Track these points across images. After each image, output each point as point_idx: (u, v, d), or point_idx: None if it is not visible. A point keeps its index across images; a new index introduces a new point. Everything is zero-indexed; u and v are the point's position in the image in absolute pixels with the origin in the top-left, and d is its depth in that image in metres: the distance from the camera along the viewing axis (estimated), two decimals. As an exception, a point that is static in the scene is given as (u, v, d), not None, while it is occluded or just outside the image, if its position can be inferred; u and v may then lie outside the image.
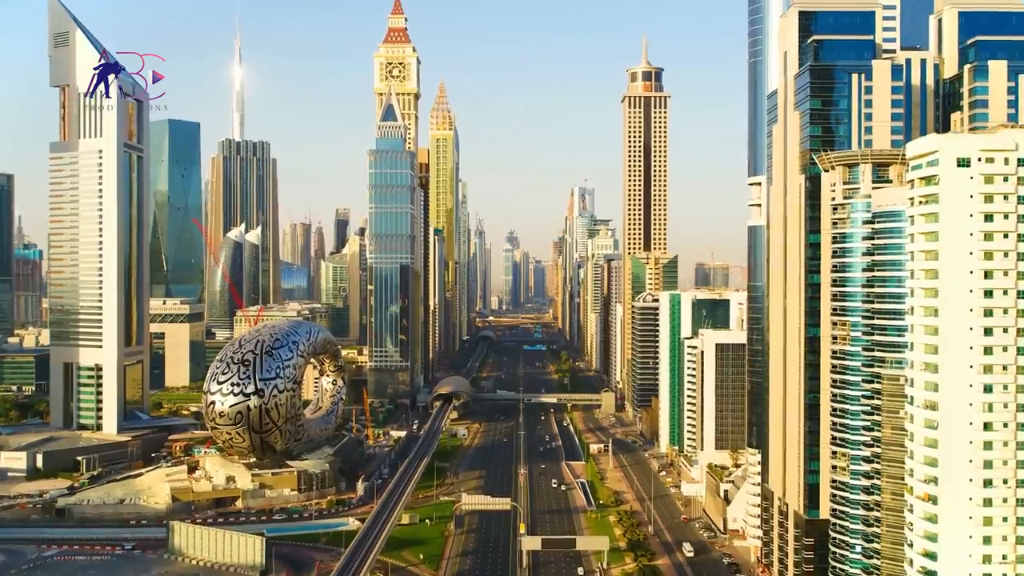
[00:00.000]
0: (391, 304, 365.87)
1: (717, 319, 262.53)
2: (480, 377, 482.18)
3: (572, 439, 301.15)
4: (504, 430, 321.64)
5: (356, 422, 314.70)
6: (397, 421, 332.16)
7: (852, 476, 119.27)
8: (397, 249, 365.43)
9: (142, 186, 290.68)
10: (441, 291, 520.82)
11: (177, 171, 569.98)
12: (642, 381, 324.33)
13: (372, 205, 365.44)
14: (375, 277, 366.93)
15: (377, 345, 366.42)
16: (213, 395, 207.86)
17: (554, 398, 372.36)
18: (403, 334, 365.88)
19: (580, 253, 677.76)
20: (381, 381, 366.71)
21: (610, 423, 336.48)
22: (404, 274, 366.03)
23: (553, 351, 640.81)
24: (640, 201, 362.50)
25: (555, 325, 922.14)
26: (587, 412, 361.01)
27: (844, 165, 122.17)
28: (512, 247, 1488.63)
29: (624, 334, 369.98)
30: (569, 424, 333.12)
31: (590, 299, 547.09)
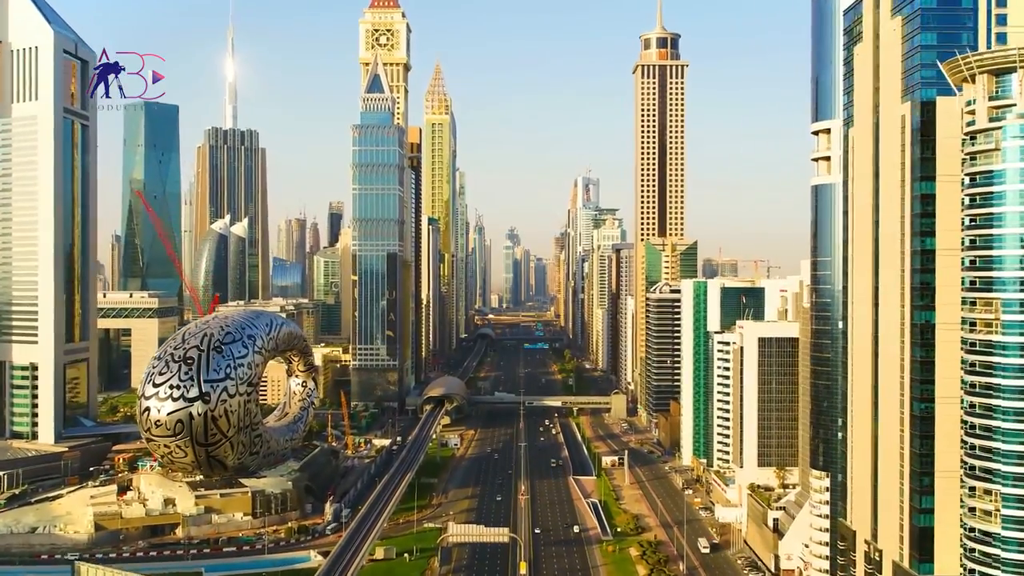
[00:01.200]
0: (377, 296, 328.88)
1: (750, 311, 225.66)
2: (477, 378, 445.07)
3: (580, 449, 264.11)
4: (502, 438, 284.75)
5: (335, 429, 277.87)
6: (383, 427, 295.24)
7: (1004, 525, 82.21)
8: (384, 235, 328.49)
9: (88, 160, 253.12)
10: (436, 285, 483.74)
11: (154, 157, 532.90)
12: (658, 382, 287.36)
13: (356, 186, 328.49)
14: (359, 266, 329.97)
15: (362, 342, 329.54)
16: (148, 400, 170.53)
17: (558, 401, 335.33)
18: (391, 330, 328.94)
19: (584, 246, 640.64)
20: (367, 382, 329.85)
21: (622, 429, 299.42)
22: (392, 263, 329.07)
23: (556, 350, 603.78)
24: (654, 181, 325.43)
25: (557, 323, 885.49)
26: (595, 417, 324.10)
27: (991, 72, 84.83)
28: (512, 244, 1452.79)
29: (636, 330, 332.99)
30: (576, 431, 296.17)
31: (595, 294, 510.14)
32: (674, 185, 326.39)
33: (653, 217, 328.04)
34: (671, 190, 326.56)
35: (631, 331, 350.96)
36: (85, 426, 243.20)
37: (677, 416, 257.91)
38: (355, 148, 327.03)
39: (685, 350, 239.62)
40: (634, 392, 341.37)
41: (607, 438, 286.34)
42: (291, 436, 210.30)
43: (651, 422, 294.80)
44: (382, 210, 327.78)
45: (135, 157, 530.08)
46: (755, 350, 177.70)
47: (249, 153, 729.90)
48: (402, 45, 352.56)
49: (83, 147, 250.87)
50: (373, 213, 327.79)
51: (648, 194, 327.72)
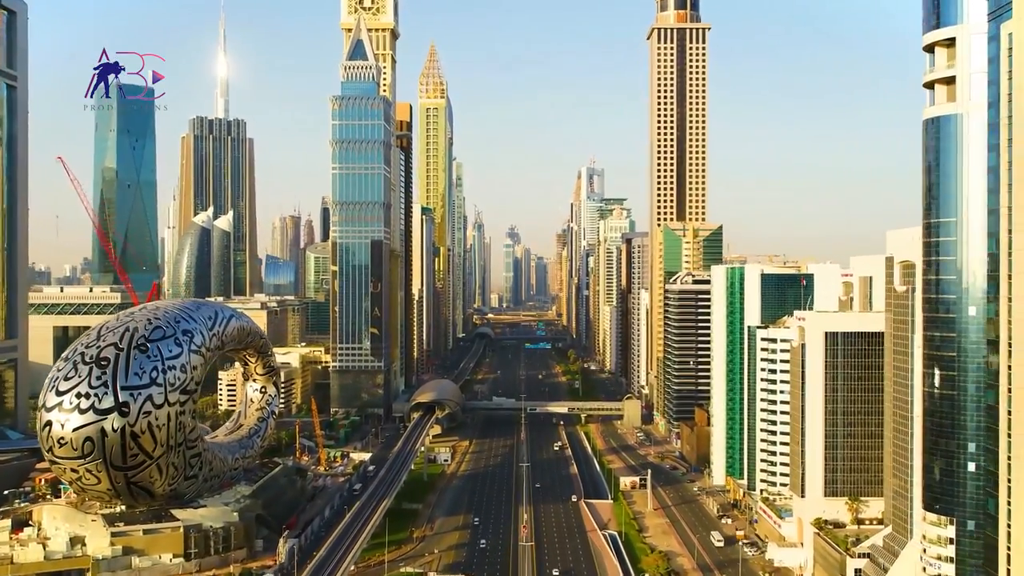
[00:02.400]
0: (361, 289, 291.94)
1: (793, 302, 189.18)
2: (474, 380, 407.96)
3: (591, 464, 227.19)
4: (501, 450, 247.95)
5: (309, 440, 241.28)
6: (364, 438, 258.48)
7: None
8: (367, 220, 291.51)
9: (15, 126, 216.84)
10: (430, 280, 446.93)
11: (127, 143, 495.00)
12: (680, 386, 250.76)
13: (335, 165, 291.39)
14: (339, 255, 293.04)
15: (343, 340, 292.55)
16: (49, 412, 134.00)
17: (564, 407, 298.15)
18: (376, 327, 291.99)
19: (589, 240, 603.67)
20: (348, 386, 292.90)
21: (637, 440, 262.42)
22: (376, 252, 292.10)
23: (559, 350, 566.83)
24: (672, 159, 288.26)
25: (559, 323, 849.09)
26: (605, 425, 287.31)
27: None
28: (513, 242, 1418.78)
29: (652, 327, 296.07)
30: (585, 441, 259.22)
31: (602, 290, 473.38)
32: (695, 163, 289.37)
33: (671, 200, 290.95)
34: (691, 170, 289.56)
35: (645, 328, 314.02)
36: (10, 439, 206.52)
37: (704, 426, 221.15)
38: (335, 122, 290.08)
39: (716, 349, 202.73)
40: (649, 397, 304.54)
41: (621, 450, 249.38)
42: (244, 453, 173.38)
43: (671, 432, 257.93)
44: (366, 192, 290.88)
45: (107, 144, 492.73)
46: (821, 348, 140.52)
47: (236, 144, 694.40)
48: (388, 8, 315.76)
49: (9, 111, 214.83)
50: (355, 195, 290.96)
51: (665, 174, 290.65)
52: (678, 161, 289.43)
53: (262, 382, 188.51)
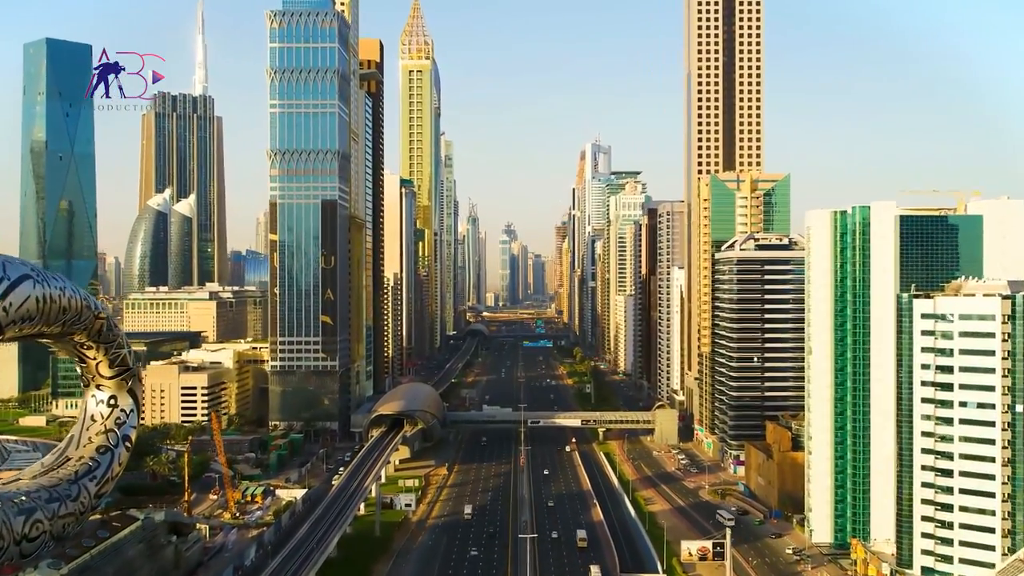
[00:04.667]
0: (308, 265, 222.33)
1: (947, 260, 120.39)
2: (462, 384, 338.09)
3: (621, 505, 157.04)
4: (492, 482, 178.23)
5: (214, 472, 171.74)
6: (307, 463, 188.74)
7: None
8: (316, 174, 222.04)
9: None
10: (410, 264, 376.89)
11: (58, 109, 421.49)
12: (740, 392, 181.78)
13: (274, 102, 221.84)
14: (280, 220, 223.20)
15: (285, 332, 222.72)
16: None
17: (574, 418, 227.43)
18: (328, 315, 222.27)
19: (595, 225, 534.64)
20: (293, 392, 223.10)
21: (679, 465, 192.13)
22: (329, 216, 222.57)
23: (562, 348, 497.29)
24: (717, 96, 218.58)
25: (559, 320, 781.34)
26: (631, 442, 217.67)
27: None
28: (509, 239, 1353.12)
29: (691, 314, 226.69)
30: (607, 466, 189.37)
31: (613, 277, 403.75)
32: (747, 94, 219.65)
33: (715, 147, 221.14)
34: (743, 105, 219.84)
35: (679, 317, 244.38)
36: None
37: (787, 451, 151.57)
38: (273, 44, 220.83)
39: (817, 335, 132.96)
40: (685, 406, 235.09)
41: (659, 481, 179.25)
42: (59, 509, 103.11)
43: (726, 454, 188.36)
44: (314, 137, 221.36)
45: (35, 109, 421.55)
46: None
47: (204, 123, 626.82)
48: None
49: None
50: (301, 141, 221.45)
51: (708, 111, 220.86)
52: (725, 93, 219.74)
53: (111, 389, 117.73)
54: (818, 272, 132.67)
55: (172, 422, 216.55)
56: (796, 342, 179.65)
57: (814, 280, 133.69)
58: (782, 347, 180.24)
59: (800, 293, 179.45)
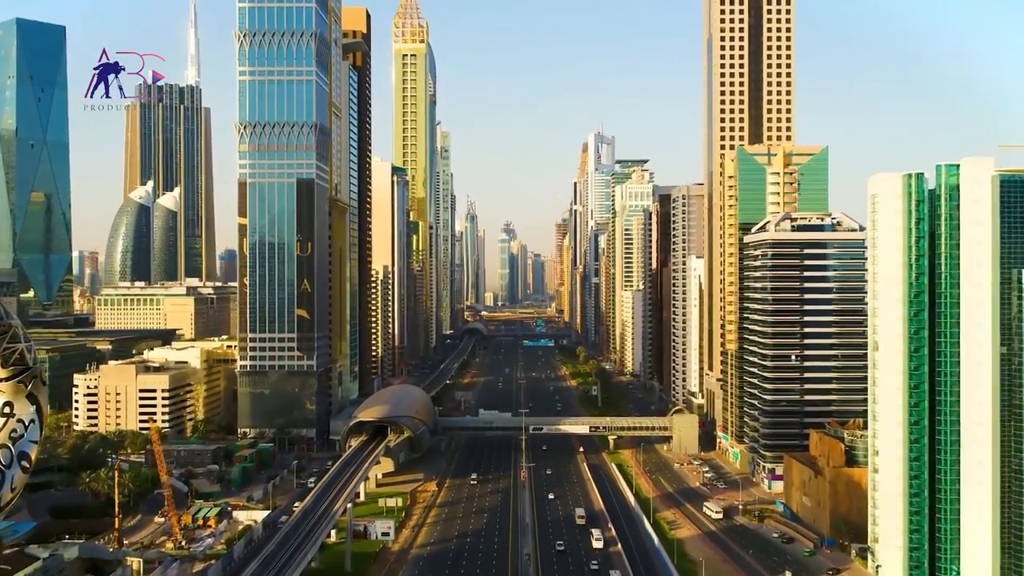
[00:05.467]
0: (281, 253, 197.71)
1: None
2: (457, 386, 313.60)
3: (641, 531, 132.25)
4: (489, 501, 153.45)
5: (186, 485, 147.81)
6: (273, 478, 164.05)
7: None
8: (291, 150, 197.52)
9: None
10: (402, 258, 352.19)
11: (30, 94, 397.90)
12: (776, 395, 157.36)
13: (244, 68, 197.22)
14: (249, 201, 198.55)
15: (254, 328, 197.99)
16: None
17: (582, 424, 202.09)
18: (305, 308, 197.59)
19: (598, 219, 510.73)
20: (265, 395, 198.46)
21: (704, 480, 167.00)
22: (305, 197, 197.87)
23: (564, 348, 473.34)
24: (742, 61, 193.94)
25: (560, 319, 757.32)
26: (646, 452, 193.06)
27: None
28: (509, 238, 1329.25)
29: (712, 307, 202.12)
30: (621, 481, 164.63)
31: (618, 272, 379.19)
32: (776, 60, 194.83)
33: (739, 120, 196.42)
34: (771, 71, 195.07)
35: (697, 311, 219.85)
36: None
37: (839, 466, 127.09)
38: (242, 4, 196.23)
39: (887, 328, 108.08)
40: (706, 410, 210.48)
41: (683, 499, 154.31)
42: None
43: (759, 466, 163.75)
44: (288, 108, 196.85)
45: (4, 93, 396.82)
46: None
47: (190, 113, 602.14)
48: None
49: None
50: (273, 113, 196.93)
51: (732, 79, 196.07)
52: (751, 58, 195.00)
53: (5, 393, 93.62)
54: (887, 250, 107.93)
55: (129, 429, 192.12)
56: (841, 337, 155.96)
57: (881, 259, 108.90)
58: (824, 343, 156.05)
59: (846, 280, 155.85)
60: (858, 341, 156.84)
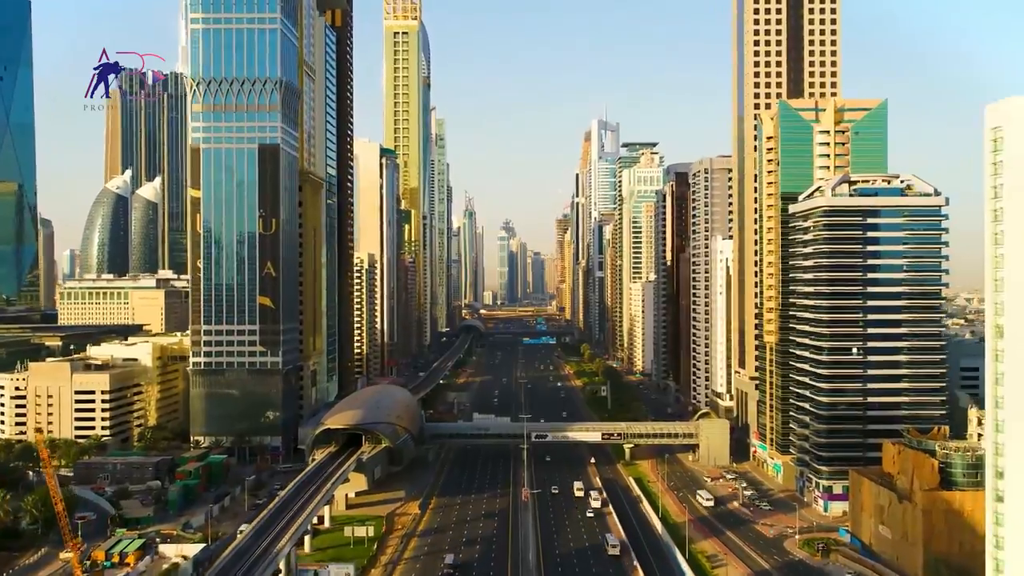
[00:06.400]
0: (239, 229, 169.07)
1: None
2: (451, 386, 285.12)
3: (676, 570, 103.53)
4: (483, 529, 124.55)
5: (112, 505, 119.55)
6: (222, 498, 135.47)
7: None
8: (251, 110, 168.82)
9: None
10: (392, 247, 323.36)
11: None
12: (833, 398, 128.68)
13: (197, 15, 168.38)
14: (204, 171, 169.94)
15: (208, 320, 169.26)
16: None
17: (593, 431, 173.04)
18: (267, 296, 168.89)
19: (602, 209, 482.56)
20: (223, 398, 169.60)
21: (742, 498, 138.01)
22: (269, 166, 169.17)
23: (567, 345, 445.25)
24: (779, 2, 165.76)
25: (561, 317, 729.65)
26: (668, 461, 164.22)
27: None
28: (508, 236, 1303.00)
29: (745, 293, 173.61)
30: (643, 501, 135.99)
31: (626, 263, 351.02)
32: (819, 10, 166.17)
33: (776, 76, 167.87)
34: (812, 15, 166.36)
35: (724, 299, 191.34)
36: None
37: (932, 488, 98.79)
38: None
39: (1018, 308, 79.30)
40: (736, 413, 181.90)
41: (720, 523, 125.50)
42: None
43: (807, 482, 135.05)
44: (249, 62, 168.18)
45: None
46: None
47: (174, 101, 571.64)
48: None
49: None
50: (231, 68, 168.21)
51: (768, 24, 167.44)
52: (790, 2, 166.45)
53: None
54: (1020, 199, 79.35)
55: (63, 437, 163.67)
56: (914, 325, 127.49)
57: (1010, 213, 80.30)
58: (893, 332, 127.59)
59: (920, 256, 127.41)
60: (933, 330, 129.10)
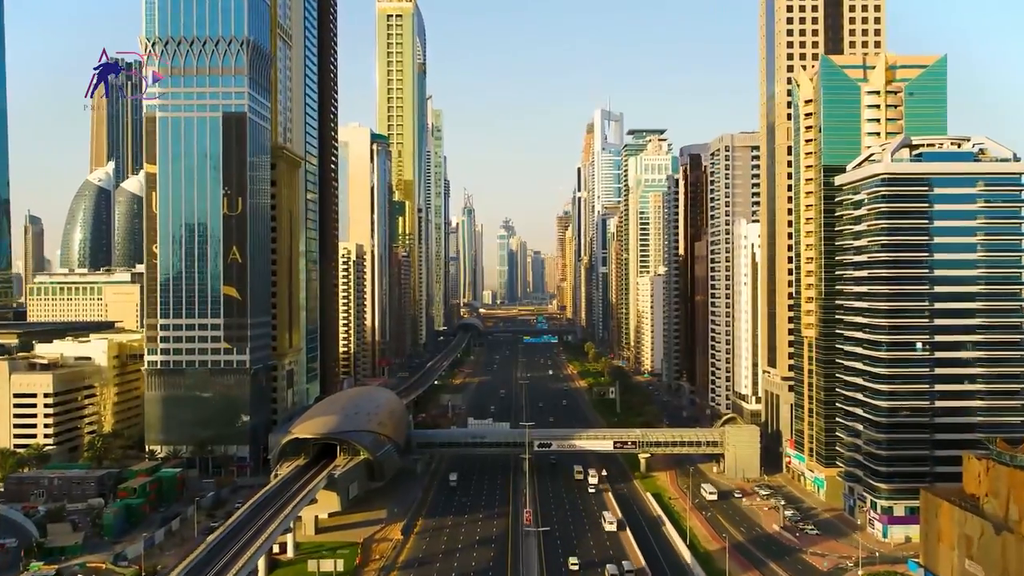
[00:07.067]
0: (201, 209, 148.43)
1: None
2: (446, 387, 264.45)
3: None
4: (474, 564, 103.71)
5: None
6: (173, 518, 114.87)
7: None
8: (215, 74, 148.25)
9: None
10: (382, 239, 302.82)
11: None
12: (893, 402, 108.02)
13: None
14: (159, 142, 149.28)
15: (166, 312, 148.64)
16: None
17: (603, 438, 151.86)
18: (232, 286, 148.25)
19: (606, 203, 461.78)
20: (182, 400, 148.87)
21: (783, 519, 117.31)
22: (235, 136, 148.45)
23: (569, 344, 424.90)
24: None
25: (562, 316, 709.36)
26: (688, 470, 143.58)
27: None
28: (508, 234, 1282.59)
29: (776, 281, 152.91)
30: (666, 522, 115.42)
31: (633, 257, 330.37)
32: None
33: (813, 27, 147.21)
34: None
35: (750, 290, 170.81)
36: None
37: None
38: None
39: None
40: (767, 418, 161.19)
41: (760, 552, 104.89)
42: None
43: (858, 500, 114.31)
44: (211, 18, 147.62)
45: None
46: None
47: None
48: None
49: None
50: (191, 26, 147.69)
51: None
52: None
53: None
54: None
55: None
56: (992, 315, 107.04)
57: None
58: (967, 323, 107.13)
59: (998, 233, 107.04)
60: (1013, 320, 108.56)
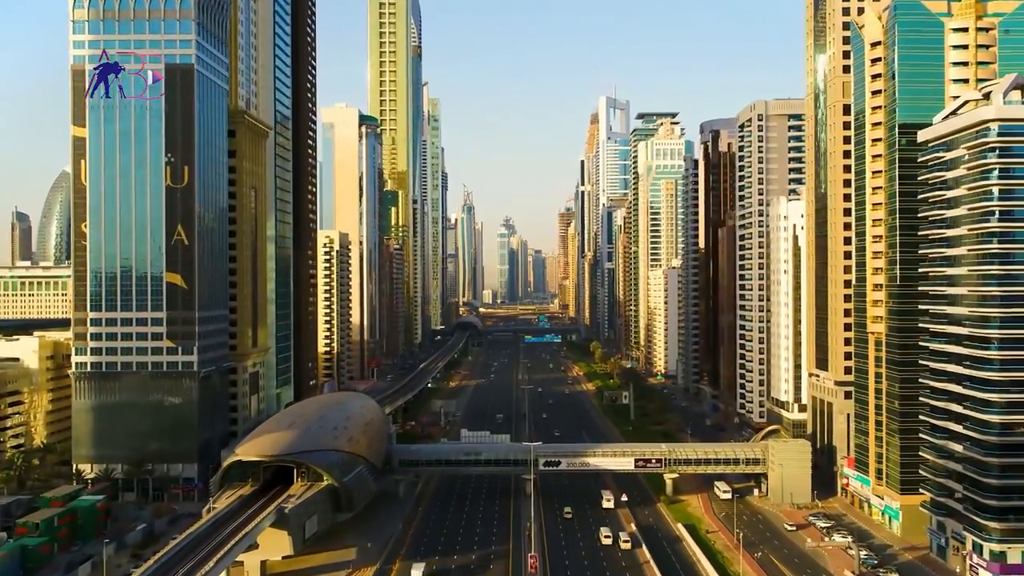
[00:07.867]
0: (140, 180, 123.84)
1: None
2: (440, 391, 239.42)
3: None
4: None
5: None
6: (84, 561, 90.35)
7: None
8: (156, 18, 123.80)
9: None
10: (371, 227, 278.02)
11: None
12: (1006, 416, 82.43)
13: None
14: (89, 101, 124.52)
15: (97, 304, 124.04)
16: None
17: (622, 454, 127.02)
18: (176, 272, 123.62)
19: (611, 195, 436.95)
20: (117, 410, 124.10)
21: (858, 566, 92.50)
22: (178, 93, 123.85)
23: (574, 344, 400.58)
24: None
25: (564, 315, 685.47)
26: (717, 492, 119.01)
27: None
28: (508, 233, 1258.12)
29: (834, 268, 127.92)
30: (700, 562, 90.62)
31: (643, 250, 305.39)
32: None
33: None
34: None
35: (790, 279, 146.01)
36: None
37: None
38: None
39: None
40: (813, 431, 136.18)
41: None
42: None
43: (950, 540, 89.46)
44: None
45: None
46: None
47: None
48: None
49: None
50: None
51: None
52: None
53: None
54: None
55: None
56: None
57: None
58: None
59: None
60: None
